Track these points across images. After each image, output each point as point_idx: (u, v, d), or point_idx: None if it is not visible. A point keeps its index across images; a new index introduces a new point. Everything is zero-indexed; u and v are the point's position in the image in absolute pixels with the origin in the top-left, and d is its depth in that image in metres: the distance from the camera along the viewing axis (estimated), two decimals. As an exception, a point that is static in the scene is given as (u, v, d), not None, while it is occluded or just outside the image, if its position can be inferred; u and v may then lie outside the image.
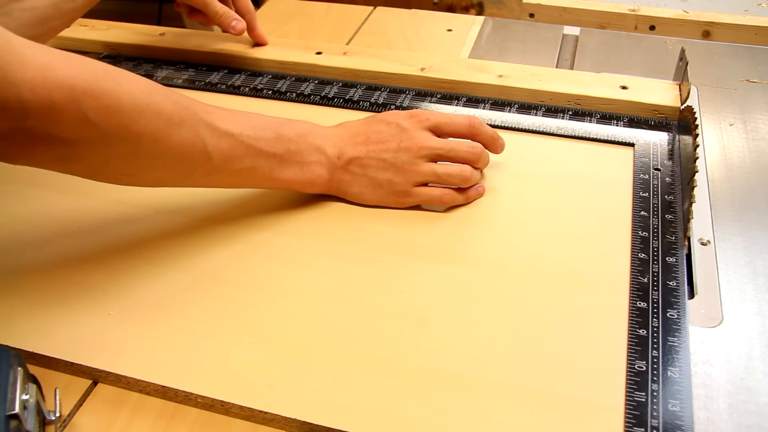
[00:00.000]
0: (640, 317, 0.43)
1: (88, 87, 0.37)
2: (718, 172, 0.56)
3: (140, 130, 0.40)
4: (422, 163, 0.51)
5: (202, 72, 0.71)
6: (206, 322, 0.44)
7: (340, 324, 0.43)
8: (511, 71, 0.66)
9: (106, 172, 0.42)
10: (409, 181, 0.51)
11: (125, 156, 0.41)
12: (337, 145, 0.51)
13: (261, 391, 0.39)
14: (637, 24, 0.84)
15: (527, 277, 0.46)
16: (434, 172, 0.51)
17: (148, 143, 0.41)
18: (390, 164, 0.50)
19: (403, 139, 0.51)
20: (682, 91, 0.62)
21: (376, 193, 0.51)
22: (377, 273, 0.47)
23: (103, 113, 0.38)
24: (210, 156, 0.44)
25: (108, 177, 0.43)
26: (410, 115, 0.52)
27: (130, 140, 0.40)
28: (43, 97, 0.35)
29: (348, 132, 0.52)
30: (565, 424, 0.37)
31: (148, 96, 0.41)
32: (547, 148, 0.59)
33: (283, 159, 0.48)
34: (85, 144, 0.38)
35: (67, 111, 0.36)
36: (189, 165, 0.44)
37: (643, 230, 0.49)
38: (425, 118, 0.52)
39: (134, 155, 0.41)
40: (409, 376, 0.40)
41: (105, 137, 0.39)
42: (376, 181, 0.51)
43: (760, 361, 0.40)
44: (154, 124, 0.41)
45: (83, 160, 0.40)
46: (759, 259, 0.47)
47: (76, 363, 0.41)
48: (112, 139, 0.39)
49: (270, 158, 0.48)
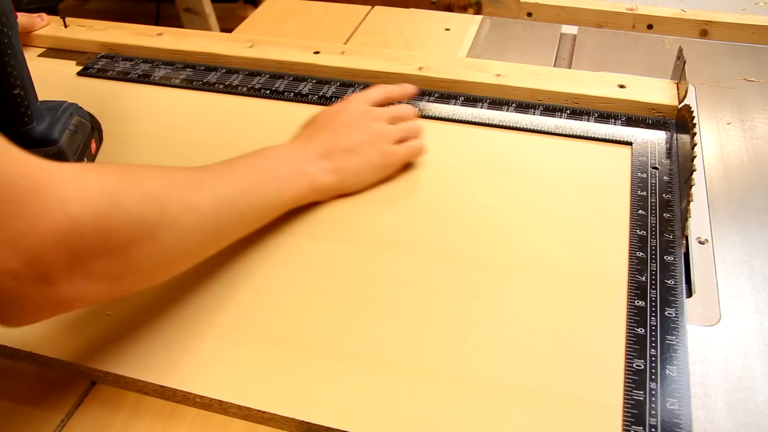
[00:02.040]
0: (638, 316, 0.43)
1: (120, 184, 0.36)
2: (716, 171, 0.56)
3: (176, 206, 0.39)
4: (386, 124, 0.56)
5: (200, 72, 0.71)
6: (204, 321, 0.44)
7: (339, 323, 0.43)
8: (509, 70, 0.66)
9: (159, 268, 0.40)
10: (388, 140, 0.55)
11: (173, 241, 0.39)
12: (310, 146, 0.52)
13: (259, 390, 0.39)
14: (634, 23, 0.84)
15: (525, 276, 0.46)
16: (402, 128, 0.56)
17: (187, 216, 0.40)
18: (366, 137, 0.54)
19: (357, 118, 0.55)
20: (680, 90, 0.62)
21: (369, 167, 0.54)
22: (376, 272, 0.47)
23: (143, 204, 0.37)
24: (234, 202, 0.44)
25: (162, 274, 0.41)
26: (346, 106, 0.56)
27: (172, 222, 0.39)
28: (90, 207, 0.34)
29: (307, 137, 0.54)
30: (564, 422, 0.37)
31: (163, 173, 0.41)
32: (545, 147, 0.59)
33: (282, 178, 0.49)
34: (137, 245, 0.37)
35: (114, 215, 0.35)
36: (222, 220, 0.43)
37: (641, 229, 0.49)
38: (360, 100, 0.57)
39: (179, 236, 0.40)
40: (407, 376, 0.40)
41: (151, 229, 0.37)
42: (363, 157, 0.53)
43: (758, 359, 0.40)
44: (183, 195, 0.40)
45: (138, 266, 0.37)
46: (757, 257, 0.48)
47: (75, 363, 0.41)
48: (158, 228, 0.38)
49: (274, 181, 0.48)
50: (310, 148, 0.52)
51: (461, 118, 0.62)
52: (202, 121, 0.64)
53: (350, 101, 0.57)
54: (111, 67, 0.72)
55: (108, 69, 0.72)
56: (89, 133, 0.57)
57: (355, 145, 0.53)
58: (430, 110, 0.63)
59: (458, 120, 0.62)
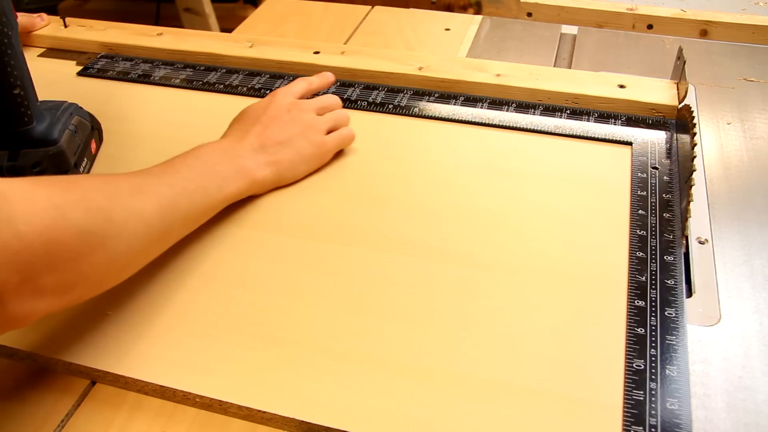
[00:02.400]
0: (638, 316, 0.43)
1: (65, 198, 0.36)
2: (716, 171, 0.56)
3: (121, 215, 0.39)
4: (315, 115, 0.57)
5: (200, 72, 0.71)
6: (204, 321, 0.44)
7: (339, 323, 0.43)
8: (509, 70, 0.66)
9: (109, 275, 0.40)
10: (319, 131, 0.56)
11: (122, 248, 0.40)
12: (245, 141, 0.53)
13: (259, 390, 0.39)
14: (634, 23, 0.84)
15: (525, 276, 0.46)
16: (330, 118, 0.58)
17: (132, 223, 0.40)
18: (297, 129, 0.55)
19: (286, 111, 0.56)
20: (680, 90, 0.62)
21: (303, 158, 0.55)
22: (376, 272, 0.47)
23: (89, 216, 0.37)
24: (176, 204, 0.44)
25: (111, 280, 0.41)
26: (273, 100, 0.57)
27: (119, 230, 0.39)
28: (37, 224, 0.33)
29: (240, 132, 0.54)
30: (564, 422, 0.37)
31: (106, 182, 0.41)
32: (545, 147, 0.59)
33: (221, 175, 0.50)
34: (87, 256, 0.37)
35: (62, 229, 0.35)
36: (167, 223, 0.44)
37: (641, 229, 0.49)
38: (286, 94, 0.58)
39: (127, 243, 0.40)
40: (407, 376, 0.40)
41: (100, 240, 0.37)
42: (297, 149, 0.54)
43: (758, 359, 0.40)
44: (127, 203, 0.40)
45: (88, 275, 0.38)
46: (757, 257, 0.48)
47: (74, 363, 0.41)
48: (106, 237, 0.38)
49: (214, 178, 0.49)
50: (245, 144, 0.53)
51: (461, 118, 0.62)
52: (202, 121, 0.64)
53: (276, 95, 0.57)
54: (111, 67, 0.72)
55: (108, 69, 0.72)
56: (89, 133, 0.57)
57: (288, 137, 0.54)
58: (430, 110, 0.63)
59: (458, 120, 0.62)
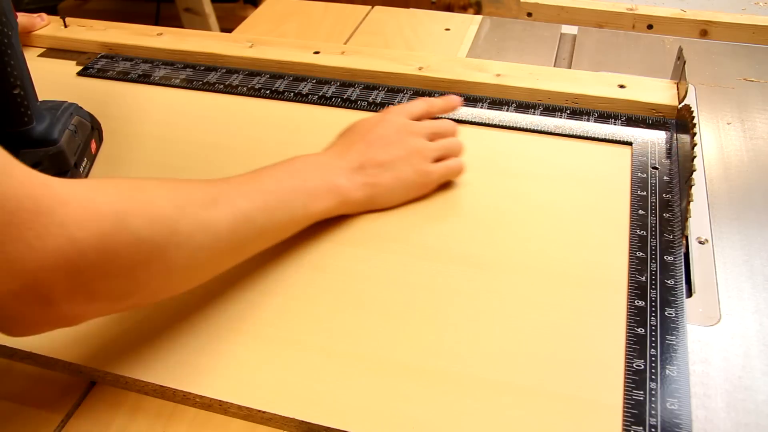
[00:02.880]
0: (638, 316, 0.43)
1: (128, 206, 0.35)
2: (716, 171, 0.56)
3: (188, 226, 0.38)
4: (425, 141, 0.53)
5: (199, 72, 0.71)
6: (204, 321, 0.44)
7: (339, 323, 0.43)
8: (509, 70, 0.66)
9: (168, 286, 0.39)
10: (425, 157, 0.53)
11: (184, 261, 0.38)
12: (344, 157, 0.51)
13: (259, 390, 0.39)
14: (634, 23, 0.84)
15: (525, 275, 0.46)
16: (441, 146, 0.54)
17: (199, 236, 0.38)
18: (402, 153, 0.52)
19: (395, 132, 0.53)
20: (680, 90, 0.62)
21: (402, 184, 0.52)
22: (376, 273, 0.47)
23: (152, 226, 0.36)
24: (253, 219, 0.42)
25: (171, 291, 0.39)
26: (385, 118, 0.54)
27: (183, 242, 0.37)
28: (93, 230, 0.33)
29: (342, 148, 0.52)
30: (564, 422, 0.37)
31: (178, 191, 0.39)
32: (545, 147, 0.59)
33: (310, 192, 0.47)
34: (144, 266, 0.36)
35: (119, 237, 0.34)
36: (239, 237, 0.42)
37: (641, 229, 0.49)
38: (399, 113, 0.55)
39: (190, 256, 0.38)
40: (407, 375, 0.40)
41: (160, 251, 0.36)
42: (397, 174, 0.51)
43: (758, 359, 0.40)
44: (197, 214, 0.39)
45: (145, 285, 0.37)
46: (756, 257, 0.48)
47: (74, 363, 0.41)
48: (168, 249, 0.37)
49: (300, 195, 0.46)
50: (343, 160, 0.50)
51: (461, 118, 0.62)
52: (202, 121, 0.64)
53: (389, 113, 0.55)
54: (111, 67, 0.72)
55: (108, 69, 0.72)
56: (89, 133, 0.57)
57: (390, 160, 0.51)
58: (430, 110, 0.63)
59: (458, 120, 0.62)
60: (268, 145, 0.60)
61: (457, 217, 0.51)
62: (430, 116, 0.57)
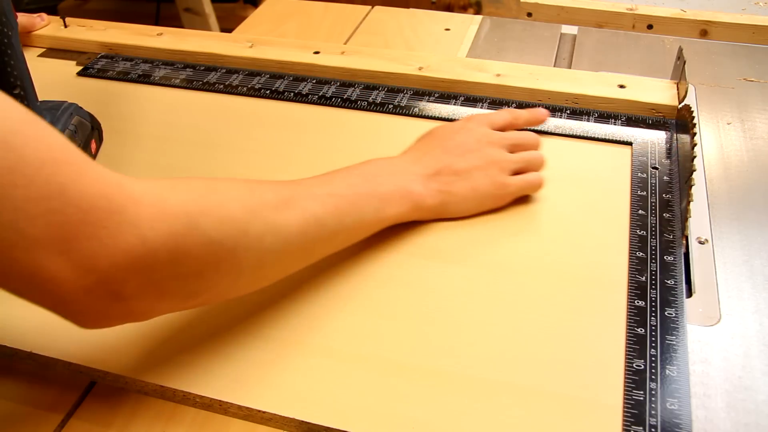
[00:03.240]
0: (638, 316, 0.43)
1: (200, 207, 0.35)
2: (716, 171, 0.56)
3: (258, 228, 0.38)
4: (504, 152, 0.52)
5: (199, 72, 0.71)
6: (204, 321, 0.44)
7: (339, 323, 0.43)
8: (509, 70, 0.66)
9: (237, 287, 0.39)
10: (503, 169, 0.51)
11: (253, 263, 0.38)
12: (420, 163, 0.50)
13: (259, 390, 0.39)
14: (634, 23, 0.84)
15: (525, 275, 0.46)
16: (521, 158, 0.52)
17: (269, 238, 0.39)
18: (480, 162, 0.51)
19: (475, 140, 0.52)
20: (680, 90, 0.62)
21: (477, 195, 0.50)
22: (376, 272, 0.47)
23: (222, 227, 0.36)
24: (324, 222, 0.42)
25: (239, 291, 0.40)
26: (465, 126, 0.53)
27: (253, 244, 0.38)
28: (164, 230, 0.33)
29: (419, 153, 0.51)
30: (564, 422, 0.37)
31: (251, 192, 0.39)
32: (545, 147, 0.59)
33: (383, 196, 0.47)
34: (214, 267, 0.36)
35: (190, 238, 0.34)
36: (309, 240, 0.42)
37: (641, 229, 0.49)
38: (482, 122, 0.54)
39: (260, 258, 0.39)
40: (407, 376, 0.40)
41: (230, 252, 0.36)
42: (473, 184, 0.50)
43: (758, 359, 0.40)
44: (268, 217, 0.39)
45: (214, 285, 0.37)
46: (756, 257, 0.48)
47: (74, 363, 0.41)
48: (237, 250, 0.37)
49: (372, 199, 0.46)
50: (419, 166, 0.49)
51: (461, 117, 0.62)
52: (202, 121, 0.64)
53: (471, 121, 0.54)
54: (111, 67, 0.72)
55: (108, 69, 0.72)
56: (89, 133, 0.57)
57: (467, 169, 0.50)
58: (430, 110, 0.63)
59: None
60: (268, 145, 0.60)
61: (458, 217, 0.51)
62: (513, 128, 0.55)
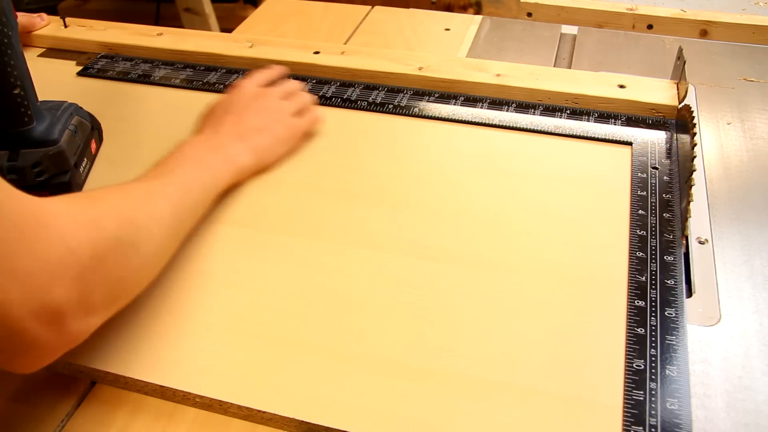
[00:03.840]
0: (638, 316, 0.43)
1: (101, 212, 0.38)
2: (716, 171, 0.56)
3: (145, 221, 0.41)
4: (282, 102, 0.59)
5: (199, 72, 0.71)
6: (204, 321, 0.44)
7: (339, 323, 0.43)
8: (509, 70, 0.66)
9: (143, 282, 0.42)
10: (288, 115, 0.59)
11: (151, 251, 0.41)
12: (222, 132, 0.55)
13: (259, 390, 0.39)
14: (634, 23, 0.84)
15: (525, 275, 0.46)
16: (297, 102, 0.60)
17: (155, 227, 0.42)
18: (269, 115, 0.57)
19: (254, 100, 0.58)
20: (680, 90, 0.62)
21: (279, 141, 0.57)
22: (376, 272, 0.47)
23: (124, 226, 0.38)
24: (183, 204, 0.46)
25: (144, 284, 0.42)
26: (239, 92, 0.59)
27: (146, 235, 0.41)
28: (84, 238, 0.35)
29: (215, 126, 0.56)
30: (564, 422, 0.37)
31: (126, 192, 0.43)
32: (545, 147, 0.59)
33: (215, 172, 0.51)
34: (128, 266, 0.39)
35: (104, 242, 0.36)
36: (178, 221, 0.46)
37: (641, 229, 0.49)
38: (249, 85, 0.60)
39: (154, 245, 0.42)
40: (407, 376, 0.40)
41: (134, 248, 0.39)
42: (272, 134, 0.57)
43: (758, 359, 0.40)
44: (148, 209, 0.42)
45: (128, 285, 0.40)
46: (756, 257, 0.48)
47: (74, 363, 0.41)
48: (140, 245, 0.40)
49: (208, 177, 0.50)
50: (222, 134, 0.54)
51: (461, 118, 0.62)
52: (202, 121, 0.64)
53: (241, 87, 0.59)
54: (111, 68, 0.72)
55: (108, 69, 0.72)
56: (89, 133, 0.57)
57: (263, 124, 0.56)
58: (430, 110, 0.63)
59: (458, 120, 0.62)
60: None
61: (457, 217, 0.51)
62: (270, 82, 0.62)
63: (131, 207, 0.41)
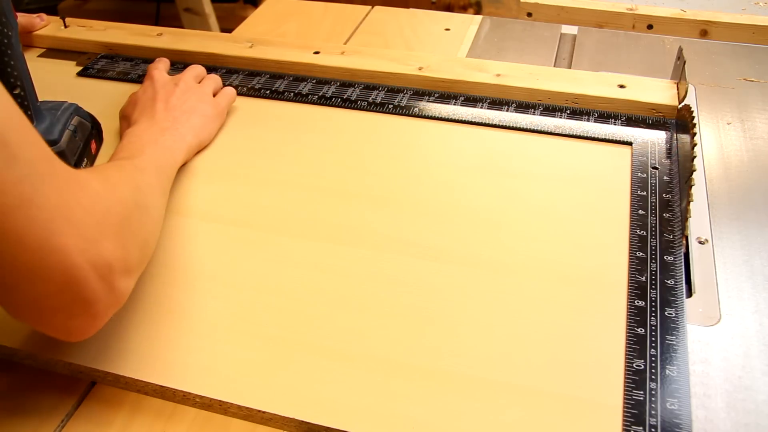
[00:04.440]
0: (638, 316, 0.43)
1: (112, 180, 0.41)
2: (716, 171, 0.56)
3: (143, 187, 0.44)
4: (197, 84, 0.62)
5: (199, 72, 0.70)
6: (204, 321, 0.44)
7: (339, 323, 0.43)
8: (509, 70, 0.66)
9: (154, 244, 0.44)
10: (209, 94, 0.62)
11: (156, 217, 0.45)
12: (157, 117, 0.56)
13: (259, 390, 0.39)
14: (634, 23, 0.84)
15: (525, 276, 0.46)
16: (210, 83, 0.63)
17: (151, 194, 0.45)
18: (194, 96, 0.60)
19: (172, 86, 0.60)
20: (680, 90, 0.62)
21: (209, 119, 0.60)
22: (376, 272, 0.47)
23: (132, 190, 0.41)
24: (155, 184, 0.48)
25: (154, 248, 0.44)
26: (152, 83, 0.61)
27: (150, 200, 0.44)
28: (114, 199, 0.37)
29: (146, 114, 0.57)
30: (564, 422, 0.37)
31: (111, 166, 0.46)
32: (545, 147, 0.59)
33: (173, 153, 0.54)
34: (145, 225, 0.41)
35: (126, 202, 0.39)
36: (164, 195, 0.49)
37: (641, 229, 0.49)
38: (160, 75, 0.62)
39: (156, 213, 0.45)
40: (407, 376, 0.40)
41: (146, 209, 0.42)
42: (201, 113, 0.59)
43: (758, 359, 0.40)
44: (140, 178, 0.45)
45: (148, 245, 0.42)
46: (756, 257, 0.48)
47: (74, 363, 0.41)
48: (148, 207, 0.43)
49: (169, 158, 0.53)
50: (161, 119, 0.56)
51: (461, 118, 0.62)
52: (202, 121, 0.64)
53: (153, 77, 0.61)
54: (111, 68, 0.72)
55: (108, 69, 0.72)
56: (89, 133, 0.57)
57: (191, 106, 0.59)
58: (430, 110, 0.63)
59: (458, 120, 0.62)
60: (268, 145, 0.60)
61: (457, 217, 0.51)
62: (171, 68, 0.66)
63: (131, 177, 0.44)
